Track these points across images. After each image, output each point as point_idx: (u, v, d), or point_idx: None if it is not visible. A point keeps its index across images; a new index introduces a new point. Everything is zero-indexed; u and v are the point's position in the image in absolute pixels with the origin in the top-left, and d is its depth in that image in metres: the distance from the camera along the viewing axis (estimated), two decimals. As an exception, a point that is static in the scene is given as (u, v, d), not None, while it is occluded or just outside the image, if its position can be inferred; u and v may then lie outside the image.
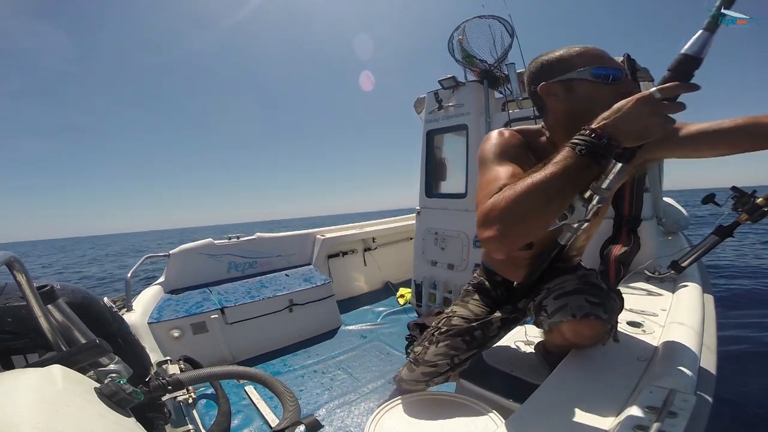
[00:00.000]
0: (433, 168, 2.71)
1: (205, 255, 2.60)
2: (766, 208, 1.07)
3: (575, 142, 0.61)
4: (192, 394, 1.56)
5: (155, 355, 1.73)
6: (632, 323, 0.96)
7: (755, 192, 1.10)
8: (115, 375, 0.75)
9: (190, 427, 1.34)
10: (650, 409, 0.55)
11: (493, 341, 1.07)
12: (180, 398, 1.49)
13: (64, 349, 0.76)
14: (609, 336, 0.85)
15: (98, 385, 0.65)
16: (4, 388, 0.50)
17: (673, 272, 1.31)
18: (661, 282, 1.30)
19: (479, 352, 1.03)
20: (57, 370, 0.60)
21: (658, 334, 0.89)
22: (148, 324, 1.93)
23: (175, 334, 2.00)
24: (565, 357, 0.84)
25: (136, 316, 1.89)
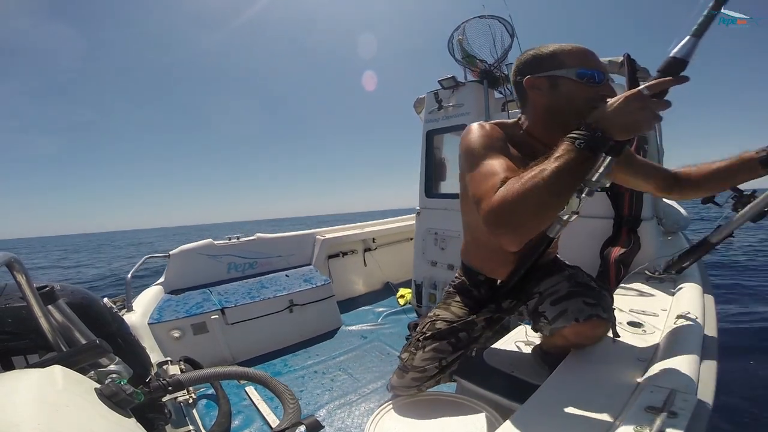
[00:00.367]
0: (433, 168, 2.71)
1: (205, 255, 2.60)
2: (766, 209, 1.07)
3: (573, 136, 0.64)
4: (192, 395, 1.56)
5: (155, 356, 1.72)
6: (632, 323, 0.95)
7: (755, 192, 1.10)
8: (115, 375, 0.74)
9: (191, 428, 1.34)
10: (651, 410, 0.55)
11: (479, 341, 1.07)
12: (180, 399, 1.49)
13: (65, 350, 0.76)
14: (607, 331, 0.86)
15: (98, 386, 0.65)
16: (4, 389, 0.50)
17: (674, 272, 1.31)
18: (661, 282, 1.29)
19: (465, 353, 1.03)
20: (57, 370, 0.60)
21: (659, 335, 0.89)
22: (149, 324, 1.93)
23: (176, 335, 2.00)
24: (566, 357, 0.84)
25: (137, 317, 1.89)
